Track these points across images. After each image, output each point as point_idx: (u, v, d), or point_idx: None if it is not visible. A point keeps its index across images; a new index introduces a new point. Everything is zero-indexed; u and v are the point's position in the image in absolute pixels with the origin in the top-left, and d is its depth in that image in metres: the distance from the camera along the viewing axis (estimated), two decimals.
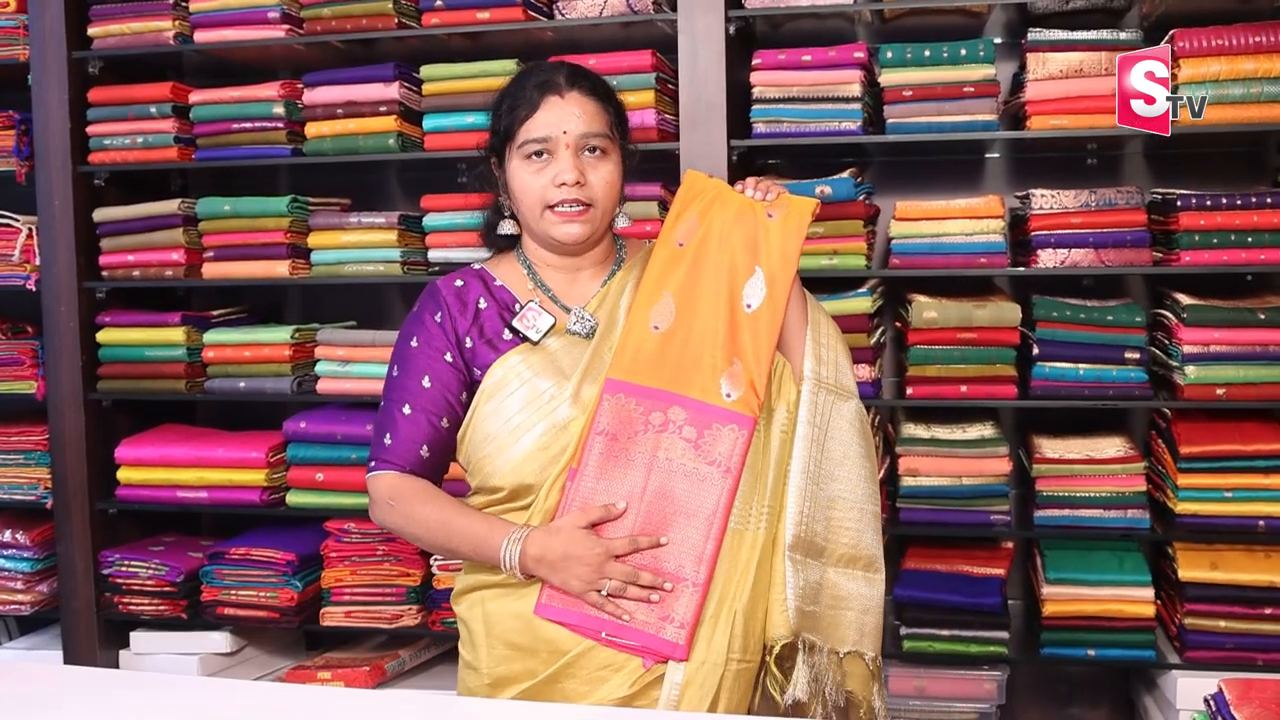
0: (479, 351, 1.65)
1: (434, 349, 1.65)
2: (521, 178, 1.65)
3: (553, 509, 1.60)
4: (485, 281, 1.71)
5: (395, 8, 2.66)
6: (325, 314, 3.02)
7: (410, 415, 1.63)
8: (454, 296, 1.68)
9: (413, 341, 1.66)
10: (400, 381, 1.65)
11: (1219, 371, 2.44)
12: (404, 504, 1.62)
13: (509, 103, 1.66)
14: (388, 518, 1.64)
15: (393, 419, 1.64)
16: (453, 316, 1.66)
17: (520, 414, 1.61)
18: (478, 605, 1.63)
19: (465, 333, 1.66)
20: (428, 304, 1.69)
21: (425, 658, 2.88)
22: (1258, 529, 2.46)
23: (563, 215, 1.63)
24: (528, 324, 1.65)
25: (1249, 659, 2.46)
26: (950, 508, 2.58)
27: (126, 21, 2.80)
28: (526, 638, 1.59)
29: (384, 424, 1.65)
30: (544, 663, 1.58)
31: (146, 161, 2.84)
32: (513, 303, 1.69)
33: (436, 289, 1.70)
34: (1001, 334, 2.53)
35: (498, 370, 1.63)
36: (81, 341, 2.85)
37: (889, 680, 2.63)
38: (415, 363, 1.65)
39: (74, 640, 2.88)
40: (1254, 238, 2.44)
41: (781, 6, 2.54)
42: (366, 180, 3.04)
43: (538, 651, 1.58)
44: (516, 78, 1.71)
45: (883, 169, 2.89)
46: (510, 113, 1.65)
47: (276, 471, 2.81)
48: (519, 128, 1.64)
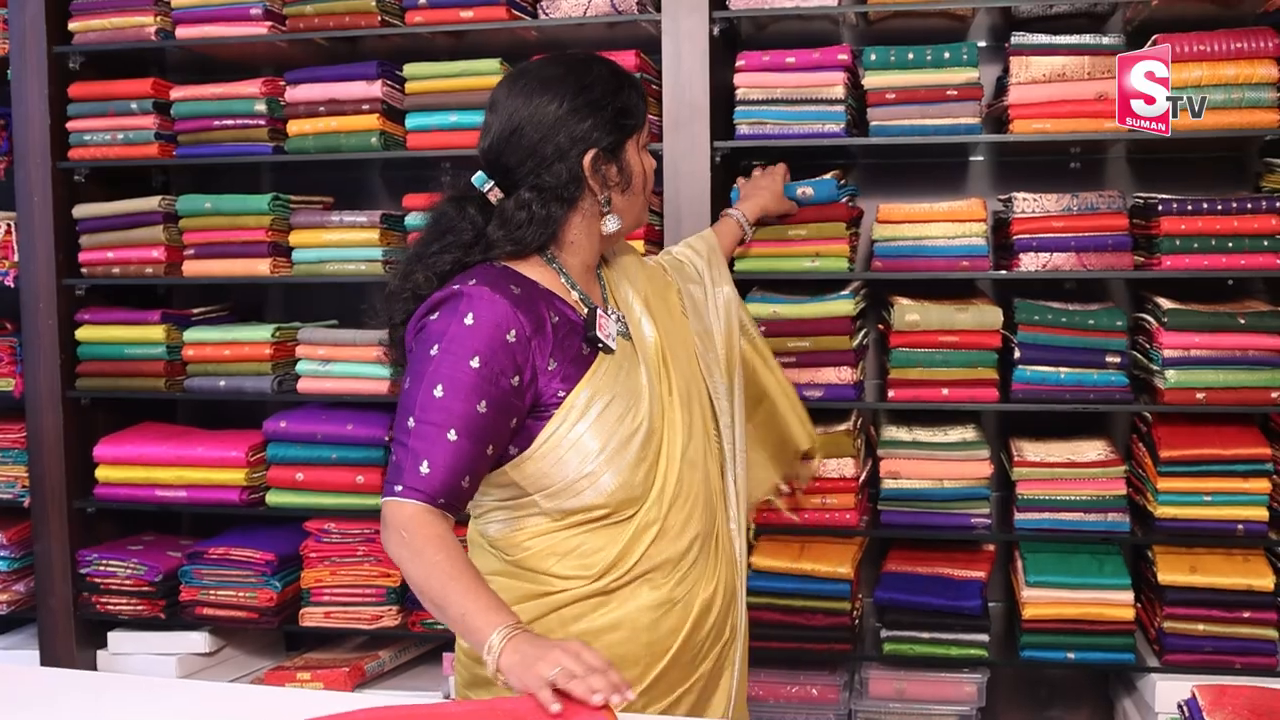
0: (564, 373, 1.53)
1: (500, 372, 1.47)
2: (649, 163, 1.68)
3: (657, 518, 1.58)
4: (531, 286, 1.56)
5: (379, 5, 2.65)
6: (307, 313, 3.01)
7: (457, 442, 1.45)
8: (525, 310, 1.51)
9: (473, 361, 1.46)
10: (447, 403, 1.45)
11: (1199, 375, 2.45)
12: (418, 541, 1.44)
13: (637, 90, 1.65)
14: (395, 547, 1.47)
15: (435, 444, 1.45)
16: (528, 336, 1.50)
17: (619, 427, 1.55)
18: (558, 630, 1.55)
19: (550, 354, 1.52)
20: (487, 316, 1.48)
21: (405, 659, 2.87)
22: (1236, 533, 2.47)
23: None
24: (606, 333, 1.59)
25: (1227, 662, 2.46)
26: (931, 510, 2.58)
27: (108, 16, 2.78)
28: (628, 646, 1.56)
29: (421, 448, 1.45)
30: (645, 669, 1.58)
31: (127, 158, 2.82)
32: (570, 310, 1.59)
33: (495, 300, 1.49)
34: (983, 337, 2.53)
35: (586, 389, 1.54)
36: (60, 339, 2.83)
37: (869, 682, 2.63)
38: (473, 385, 1.46)
39: (51, 640, 2.86)
40: (1234, 243, 2.45)
41: (766, 8, 2.54)
42: (349, 179, 3.03)
43: (638, 659, 1.58)
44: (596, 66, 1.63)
45: (866, 171, 2.89)
46: (641, 98, 1.65)
47: (256, 471, 2.79)
48: (645, 117, 1.66)
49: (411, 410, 1.47)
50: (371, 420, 2.71)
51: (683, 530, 1.62)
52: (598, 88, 1.59)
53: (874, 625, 2.64)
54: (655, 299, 1.75)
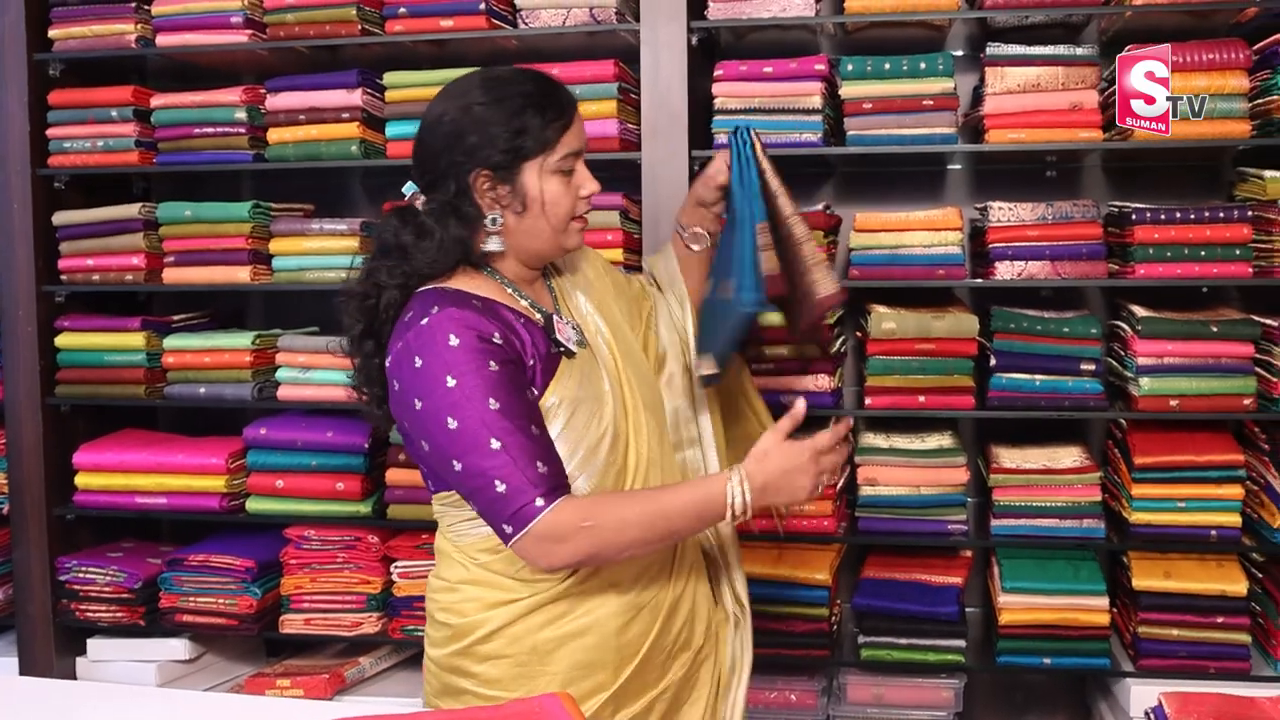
0: (540, 372, 1.56)
1: (512, 362, 1.52)
2: (554, 190, 1.58)
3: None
4: (488, 301, 1.57)
5: (359, 14, 2.66)
6: (288, 320, 3.01)
7: (540, 434, 1.49)
8: (490, 318, 1.53)
9: (490, 365, 1.48)
10: (509, 408, 1.47)
11: (1172, 383, 2.47)
12: (604, 517, 1.48)
13: (540, 114, 1.56)
14: (583, 544, 1.47)
15: (531, 447, 1.47)
16: (507, 335, 1.53)
17: (588, 431, 1.57)
18: (526, 637, 1.57)
19: (529, 354, 1.55)
20: (469, 330, 1.50)
21: (385, 665, 2.87)
22: (1210, 538, 2.49)
23: (582, 222, 1.65)
24: (566, 337, 1.61)
25: (1201, 667, 2.49)
26: (908, 517, 2.60)
27: (88, 24, 2.79)
28: (596, 652, 1.58)
29: (522, 459, 1.45)
30: (614, 672, 1.59)
31: (107, 165, 2.82)
32: (525, 317, 1.60)
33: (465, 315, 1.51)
34: (959, 345, 2.55)
35: (554, 393, 1.56)
36: (40, 346, 2.83)
37: (847, 688, 2.65)
38: (509, 382, 1.49)
39: (30, 647, 2.86)
40: (1206, 251, 2.47)
41: (744, 18, 2.56)
42: (329, 186, 3.03)
43: (606, 664, 1.59)
44: (510, 85, 1.59)
45: (843, 180, 2.91)
46: (549, 123, 1.57)
47: (236, 478, 2.79)
48: (560, 139, 1.58)
49: (483, 435, 1.45)
50: (351, 427, 2.72)
51: None
52: (499, 106, 1.56)
53: (852, 631, 2.66)
54: (614, 305, 1.76)
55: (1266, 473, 2.49)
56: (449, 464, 1.49)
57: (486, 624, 1.58)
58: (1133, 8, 2.44)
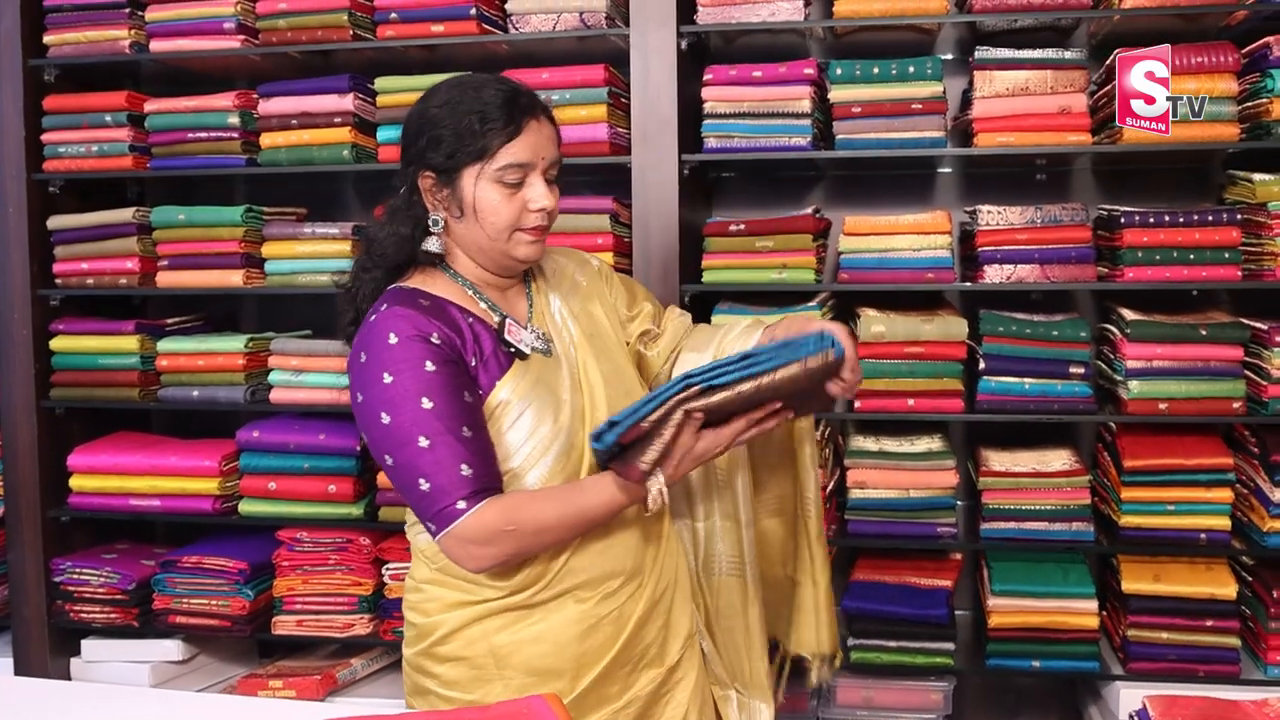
0: (485, 373, 1.57)
1: (451, 363, 1.53)
2: (490, 199, 1.56)
3: None
4: (439, 300, 1.59)
5: (350, 20, 2.67)
6: (280, 323, 3.02)
7: (473, 436, 1.50)
8: (435, 317, 1.55)
9: (427, 365, 1.50)
10: (442, 409, 1.49)
11: (1161, 386, 2.48)
12: (524, 522, 1.50)
13: (481, 121, 1.55)
14: (506, 547, 1.50)
15: (458, 448, 1.48)
16: (449, 335, 1.55)
17: (535, 433, 1.57)
18: (481, 640, 1.57)
19: (471, 352, 1.56)
20: (409, 328, 1.52)
21: (377, 667, 2.88)
22: (1199, 542, 2.49)
23: (532, 235, 1.61)
24: (518, 338, 1.61)
25: (1191, 670, 2.49)
26: (898, 520, 2.60)
27: (83, 30, 2.80)
28: (553, 659, 1.57)
29: (448, 459, 1.47)
30: (571, 681, 1.57)
31: (101, 170, 2.84)
32: (480, 319, 1.61)
33: (406, 314, 1.53)
34: (948, 348, 2.55)
35: (502, 392, 1.57)
36: (35, 349, 2.85)
37: (837, 690, 2.65)
38: (445, 383, 1.51)
39: (24, 648, 2.88)
40: (1195, 254, 2.47)
41: (733, 22, 2.56)
42: (321, 191, 3.05)
43: (564, 672, 1.57)
44: (475, 91, 1.58)
45: (833, 184, 2.91)
46: (486, 132, 1.55)
47: (229, 480, 2.81)
48: (500, 149, 1.56)
49: (414, 433, 1.48)
50: (344, 430, 2.73)
51: (607, 548, 1.61)
52: (450, 110, 1.57)
53: (842, 634, 2.65)
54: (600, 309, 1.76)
55: (1256, 476, 2.49)
56: (383, 458, 1.53)
57: (444, 625, 1.59)
58: (1122, 11, 2.44)
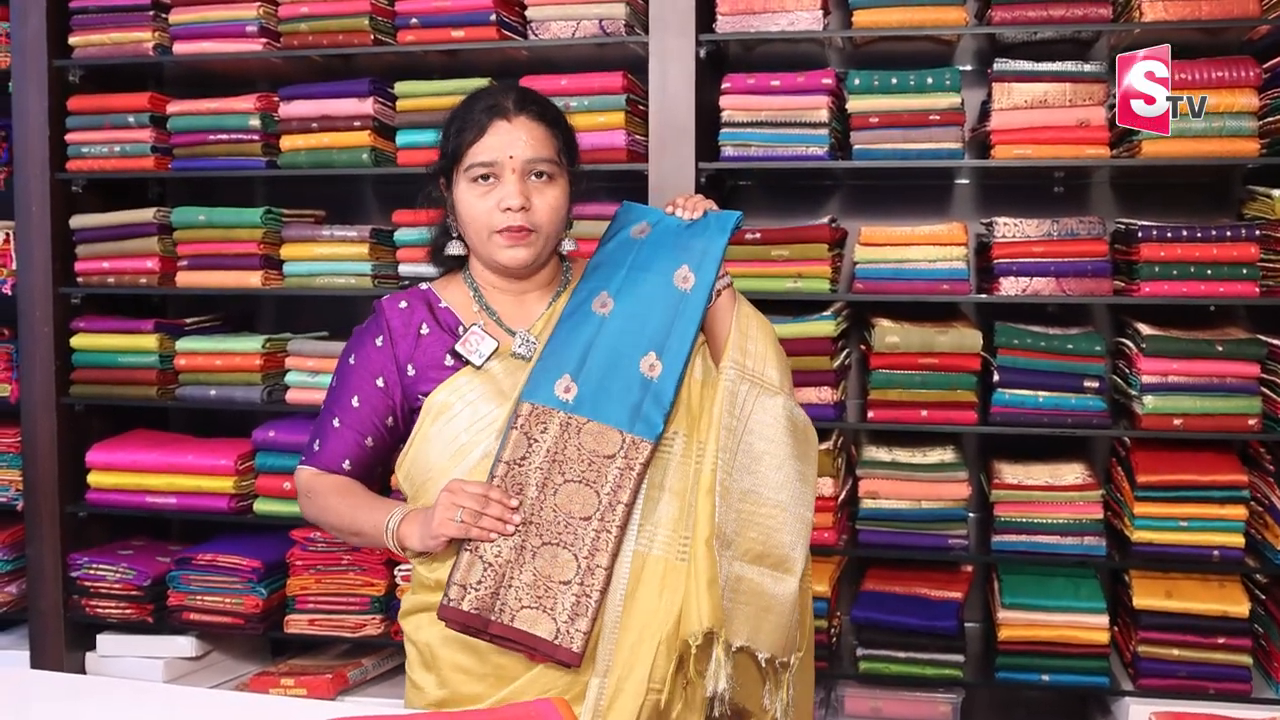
0: (422, 377, 1.65)
1: (368, 372, 1.67)
2: (468, 201, 1.63)
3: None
4: (430, 304, 1.70)
5: (371, 24, 2.69)
6: (298, 325, 3.05)
7: (339, 429, 1.68)
8: (399, 320, 1.68)
9: (351, 359, 1.69)
10: (335, 395, 1.70)
11: (1176, 402, 2.47)
12: (319, 497, 1.67)
13: (456, 125, 1.65)
14: (306, 509, 1.70)
15: (324, 427, 1.69)
16: (394, 341, 1.66)
17: (464, 435, 1.62)
18: (425, 627, 1.63)
19: (408, 359, 1.66)
20: (370, 326, 1.70)
21: (388, 667, 2.90)
22: (1212, 559, 2.48)
23: (509, 239, 1.62)
24: (470, 348, 1.65)
25: (1201, 688, 2.47)
26: (909, 530, 2.60)
27: (107, 32, 2.83)
28: (473, 662, 1.59)
29: (317, 429, 1.71)
30: (491, 687, 1.59)
31: (123, 170, 2.87)
32: (456, 325, 1.67)
33: (381, 310, 1.69)
34: (962, 360, 2.55)
35: (440, 394, 1.63)
36: (56, 346, 2.88)
37: (845, 700, 2.65)
38: (350, 381, 1.68)
39: (41, 642, 2.91)
40: (1213, 270, 2.46)
41: (752, 31, 2.57)
42: (341, 193, 3.07)
43: (485, 676, 1.59)
44: (466, 100, 1.69)
45: (850, 194, 2.91)
46: (458, 135, 1.64)
47: (245, 479, 2.83)
48: (466, 151, 1.62)
49: (326, 400, 1.72)
50: None
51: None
52: (449, 118, 1.68)
53: (851, 644, 2.66)
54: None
55: (1271, 494, 2.48)
56: None
57: (405, 605, 1.69)
58: (1142, 24, 2.44)
